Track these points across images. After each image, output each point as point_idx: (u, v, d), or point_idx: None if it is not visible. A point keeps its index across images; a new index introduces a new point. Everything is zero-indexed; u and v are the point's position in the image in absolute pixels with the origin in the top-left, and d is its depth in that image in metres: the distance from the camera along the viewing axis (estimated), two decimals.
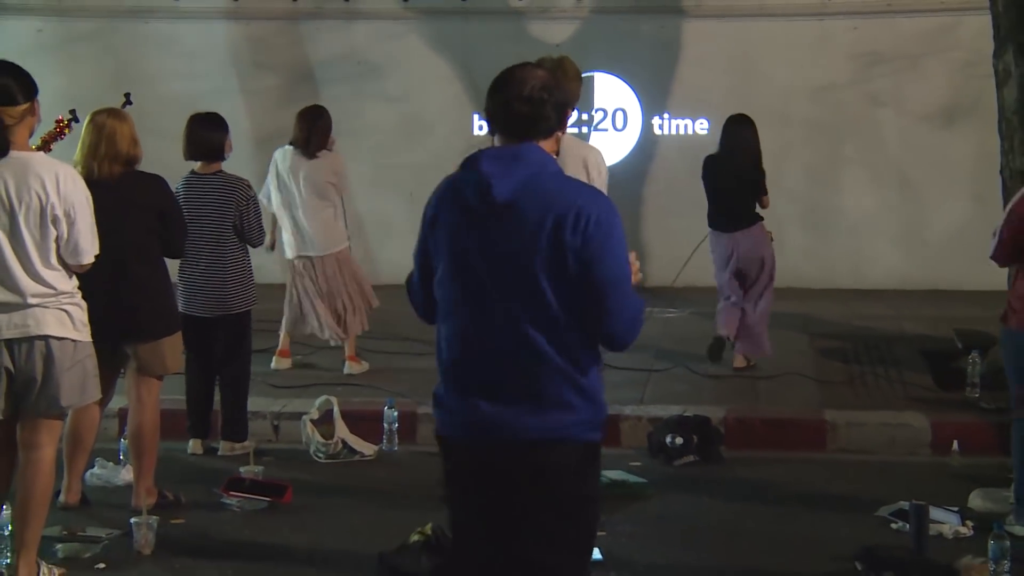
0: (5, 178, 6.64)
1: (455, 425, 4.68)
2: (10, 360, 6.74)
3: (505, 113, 4.63)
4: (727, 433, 9.84)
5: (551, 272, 4.47)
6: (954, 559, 7.11)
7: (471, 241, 4.54)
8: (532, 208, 4.47)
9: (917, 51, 15.69)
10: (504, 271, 4.50)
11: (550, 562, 4.64)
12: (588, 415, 4.61)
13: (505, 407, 4.54)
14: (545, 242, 4.45)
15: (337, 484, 8.93)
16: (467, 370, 4.62)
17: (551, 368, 4.53)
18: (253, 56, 16.64)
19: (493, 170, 4.51)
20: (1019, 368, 7.89)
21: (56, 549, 7.44)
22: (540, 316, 4.49)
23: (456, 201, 4.61)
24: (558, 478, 4.58)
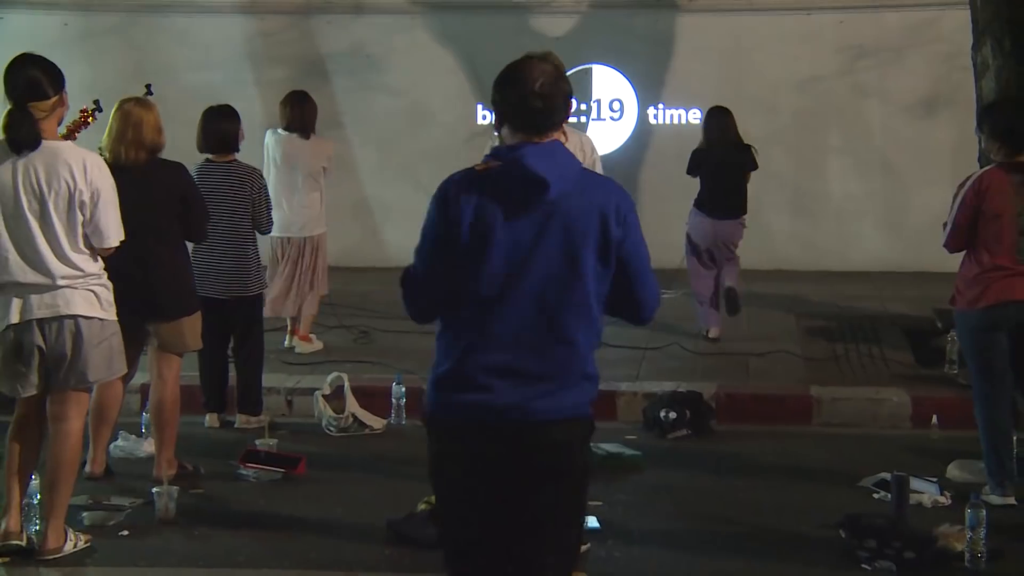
0: (36, 166, 6.68)
1: (467, 406, 4.61)
2: (41, 338, 6.78)
3: (522, 108, 4.60)
4: (718, 408, 9.85)
5: (595, 262, 4.53)
6: (933, 527, 7.13)
7: (519, 232, 4.50)
8: (578, 203, 4.51)
9: (900, 44, 15.68)
10: (551, 260, 4.50)
11: (557, 528, 4.68)
12: (593, 394, 4.67)
13: (528, 388, 4.54)
14: (594, 234, 4.51)
15: (348, 456, 8.97)
16: (489, 354, 4.58)
17: (574, 353, 4.56)
18: (266, 49, 16.63)
19: (541, 166, 4.48)
20: (967, 346, 7.95)
21: (82, 517, 7.48)
22: (575, 304, 4.53)
23: (502, 195, 4.53)
24: (570, 452, 4.63)
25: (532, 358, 4.54)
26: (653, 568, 6.90)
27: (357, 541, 7.24)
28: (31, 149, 6.66)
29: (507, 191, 4.53)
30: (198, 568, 6.88)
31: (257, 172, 9.55)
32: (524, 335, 4.54)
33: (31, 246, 6.71)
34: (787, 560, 6.99)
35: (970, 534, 6.86)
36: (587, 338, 4.59)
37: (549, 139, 4.61)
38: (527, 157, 4.52)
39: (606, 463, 8.54)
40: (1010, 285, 7.46)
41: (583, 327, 4.56)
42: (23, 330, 6.79)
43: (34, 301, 6.75)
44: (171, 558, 7.05)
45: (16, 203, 6.70)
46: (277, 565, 6.94)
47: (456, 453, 4.71)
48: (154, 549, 7.19)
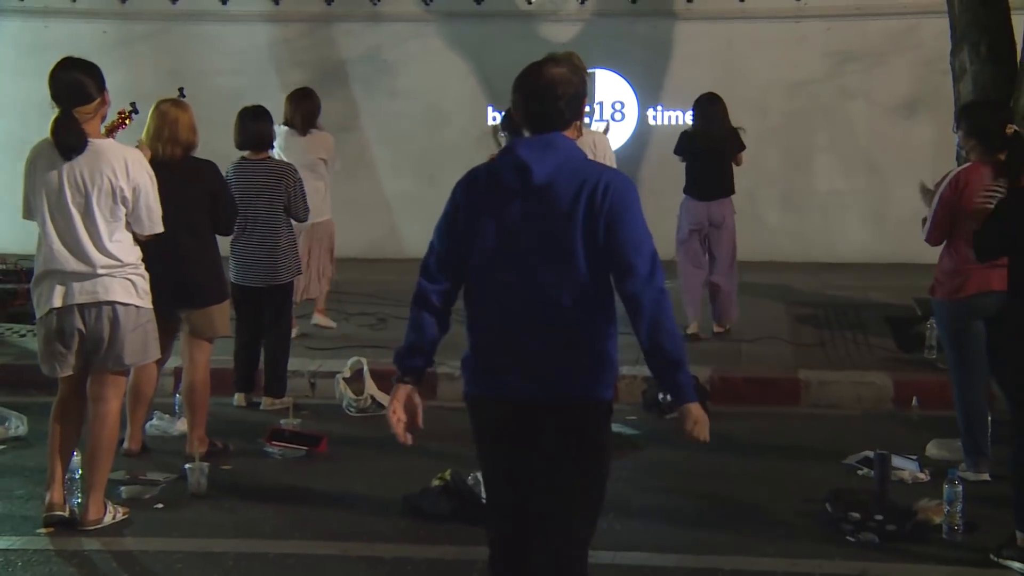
0: (80, 164, 6.72)
1: (483, 389, 4.70)
2: (81, 322, 6.81)
3: (524, 111, 4.67)
4: (712, 390, 9.84)
5: (585, 240, 4.51)
6: (913, 501, 7.14)
7: (512, 218, 4.55)
8: (566, 186, 4.52)
9: (883, 50, 15.67)
10: (543, 243, 4.52)
11: (573, 509, 4.70)
12: (608, 377, 4.66)
13: (539, 371, 4.57)
14: (580, 212, 4.50)
15: (366, 435, 8.95)
16: (497, 340, 4.63)
17: (580, 335, 4.57)
18: (289, 54, 16.63)
19: (529, 156, 4.55)
20: (946, 333, 7.95)
21: (120, 490, 7.52)
22: (574, 285, 4.52)
23: (495, 185, 4.62)
24: (584, 433, 4.63)
25: (541, 341, 4.55)
26: (652, 539, 6.90)
27: (375, 514, 7.25)
28: (78, 153, 6.69)
29: (500, 178, 4.61)
30: (227, 539, 6.89)
31: (291, 167, 9.57)
32: (528, 319, 4.56)
33: (74, 237, 6.75)
34: (776, 532, 6.99)
35: (948, 508, 6.88)
36: (592, 318, 4.58)
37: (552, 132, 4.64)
38: (518, 147, 4.62)
39: None
40: (987, 277, 7.46)
41: (586, 308, 4.56)
42: (65, 314, 6.83)
43: (75, 288, 6.78)
44: (202, 529, 7.06)
45: (61, 197, 6.74)
46: (300, 536, 6.95)
47: (482, 427, 4.80)
48: (186, 521, 7.21)
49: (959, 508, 6.86)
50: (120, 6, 16.67)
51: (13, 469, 8.18)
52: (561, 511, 4.67)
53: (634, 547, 6.77)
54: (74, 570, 6.49)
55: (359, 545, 6.77)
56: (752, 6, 15.91)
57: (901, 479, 7.78)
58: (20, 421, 8.81)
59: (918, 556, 6.64)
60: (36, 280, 6.93)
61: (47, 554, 6.69)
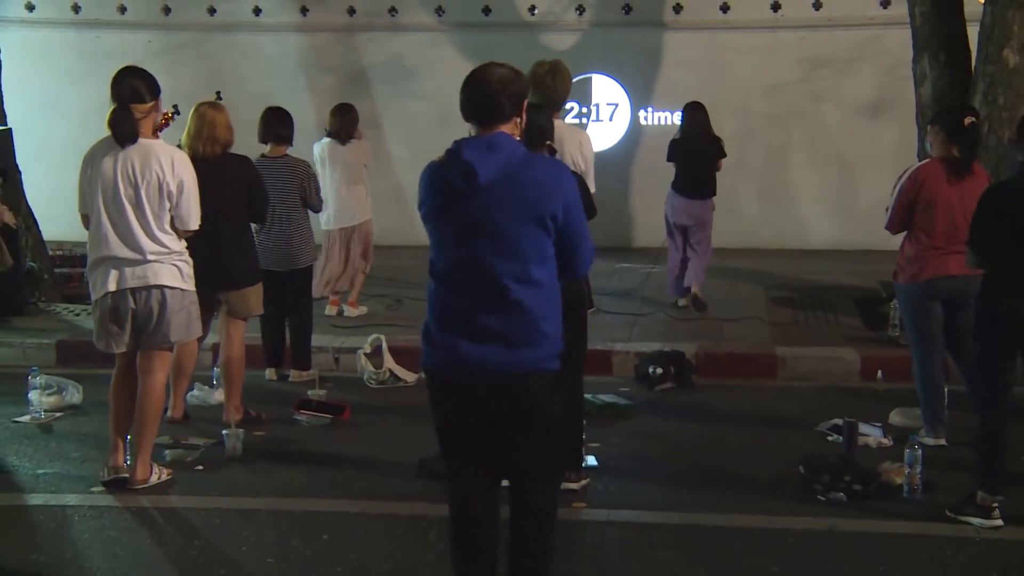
0: (132, 160, 6.77)
1: (440, 361, 4.70)
2: (133, 304, 6.88)
3: (469, 104, 4.70)
4: (698, 365, 9.84)
5: (532, 235, 4.55)
6: (877, 464, 7.16)
7: (460, 215, 4.58)
8: (513, 186, 4.53)
9: (851, 57, 15.64)
10: (491, 236, 4.54)
11: (529, 469, 4.76)
12: (550, 350, 4.66)
13: (482, 346, 4.58)
14: (531, 214, 4.53)
15: (385, 405, 8.99)
16: (452, 317, 4.64)
17: (523, 314, 4.57)
18: (316, 61, 16.62)
19: (473, 158, 4.56)
20: (907, 313, 7.95)
21: (165, 454, 7.55)
22: (518, 272, 4.55)
23: (443, 184, 4.64)
24: (531, 402, 4.65)
25: (489, 319, 4.57)
26: (642, 499, 6.90)
27: (393, 475, 7.27)
28: (131, 143, 6.76)
29: (450, 178, 4.61)
30: (260, 497, 6.91)
31: (305, 163, 9.56)
32: (478, 299, 4.58)
33: (126, 226, 6.79)
34: (755, 492, 7.00)
35: (908, 470, 6.90)
36: (537, 300, 4.60)
37: (495, 131, 4.65)
38: (463, 150, 4.62)
39: (603, 411, 8.57)
40: (944, 263, 7.46)
41: (530, 291, 4.57)
42: (118, 297, 6.87)
43: (127, 273, 6.83)
44: (238, 489, 7.08)
45: (115, 190, 6.79)
46: (326, 495, 6.97)
47: (439, 395, 4.82)
48: (223, 481, 7.24)
49: (918, 470, 6.89)
50: (164, 18, 16.68)
51: (69, 434, 8.22)
52: (526, 475, 4.75)
53: (626, 506, 6.78)
54: (124, 525, 6.51)
55: (378, 503, 6.78)
56: (733, 17, 15.90)
57: (867, 444, 7.79)
58: (76, 390, 8.84)
59: (881, 513, 6.64)
60: (91, 266, 6.97)
61: (100, 510, 6.72)
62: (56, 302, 12.05)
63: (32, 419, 8.50)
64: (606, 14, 16.13)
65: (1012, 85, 10.16)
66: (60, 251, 12.94)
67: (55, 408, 8.67)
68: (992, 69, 10.23)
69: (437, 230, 4.69)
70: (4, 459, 7.68)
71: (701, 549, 6.14)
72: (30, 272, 11.89)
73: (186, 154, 7.33)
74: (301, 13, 16.62)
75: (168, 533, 6.42)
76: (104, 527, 6.47)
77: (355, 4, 16.53)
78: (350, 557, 6.00)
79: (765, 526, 6.45)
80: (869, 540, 6.27)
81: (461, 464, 4.85)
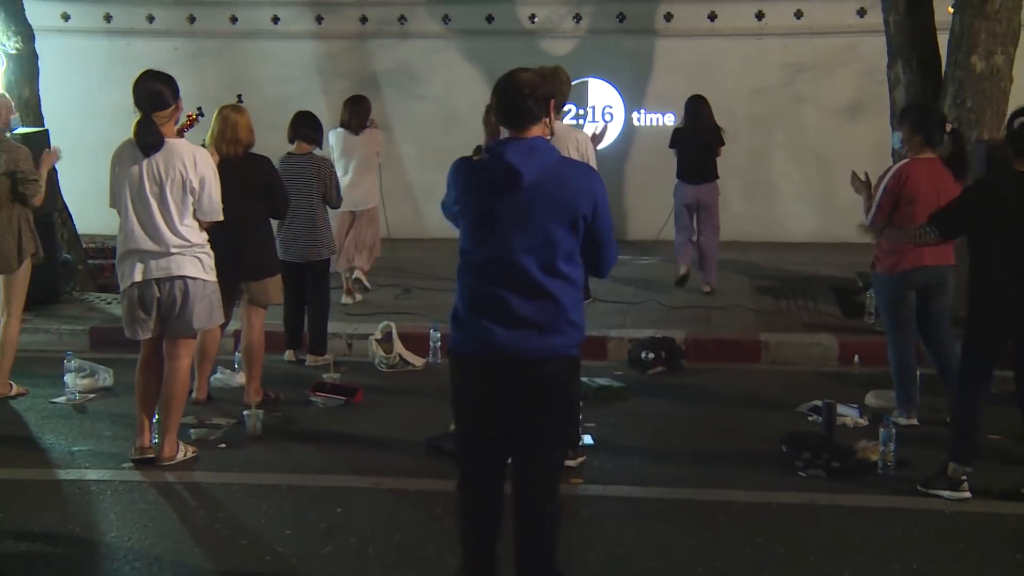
0: (157, 159, 6.77)
1: (472, 345, 4.68)
2: (158, 293, 6.89)
3: (502, 108, 4.68)
4: (687, 350, 9.83)
5: (565, 234, 4.56)
6: (854, 442, 7.19)
7: (502, 211, 4.55)
8: (552, 187, 4.53)
9: (830, 62, 15.59)
10: (529, 232, 4.53)
11: (544, 444, 4.75)
12: (575, 338, 4.68)
13: (516, 332, 4.58)
14: (566, 213, 4.53)
15: (395, 387, 8.99)
16: (486, 305, 4.63)
17: (552, 304, 4.58)
18: (331, 66, 16.58)
19: (517, 160, 4.53)
20: (883, 302, 7.95)
21: (190, 433, 7.57)
22: (550, 266, 4.55)
23: (485, 182, 4.61)
24: (556, 383, 4.66)
25: (522, 308, 4.57)
26: (635, 475, 6.92)
27: (402, 453, 7.29)
28: (156, 151, 6.74)
29: (492, 178, 4.59)
30: (278, 473, 6.92)
31: (327, 161, 9.56)
32: (512, 290, 4.58)
33: (151, 221, 6.79)
34: (740, 468, 7.02)
35: (883, 448, 6.92)
36: (566, 293, 4.62)
37: (531, 133, 4.64)
38: (507, 153, 4.58)
39: (598, 393, 8.57)
40: (920, 254, 7.45)
41: (560, 284, 4.59)
42: (144, 287, 6.88)
43: (152, 264, 6.83)
44: (258, 465, 7.10)
45: (141, 187, 6.79)
46: (340, 471, 6.98)
47: (465, 377, 4.78)
48: (244, 458, 7.26)
49: (892, 448, 6.91)
50: (189, 26, 16.64)
51: (102, 414, 8.23)
52: (540, 448, 4.74)
53: (620, 481, 6.80)
54: (152, 498, 6.53)
55: (389, 479, 6.80)
56: (720, 25, 15.86)
57: (844, 424, 7.80)
58: (107, 374, 8.85)
59: (858, 488, 6.66)
60: (119, 258, 6.97)
61: (130, 484, 6.74)
62: (89, 291, 12.05)
63: (67, 400, 8.51)
64: (602, 22, 16.09)
65: (979, 89, 10.16)
66: (93, 243, 12.94)
67: (88, 390, 8.68)
68: (961, 74, 10.23)
69: (475, 223, 4.66)
70: (42, 436, 7.71)
71: (690, 521, 6.15)
72: (65, 263, 11.89)
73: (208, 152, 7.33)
74: (316, 21, 16.59)
75: (193, 506, 6.44)
76: (134, 500, 6.49)
77: (367, 13, 16.49)
78: (363, 529, 6.02)
79: (749, 500, 6.47)
80: (846, 513, 6.29)
81: (474, 442, 4.84)
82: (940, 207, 6.69)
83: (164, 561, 5.63)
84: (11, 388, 8.63)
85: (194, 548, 5.81)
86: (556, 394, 4.68)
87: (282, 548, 5.78)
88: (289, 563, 5.61)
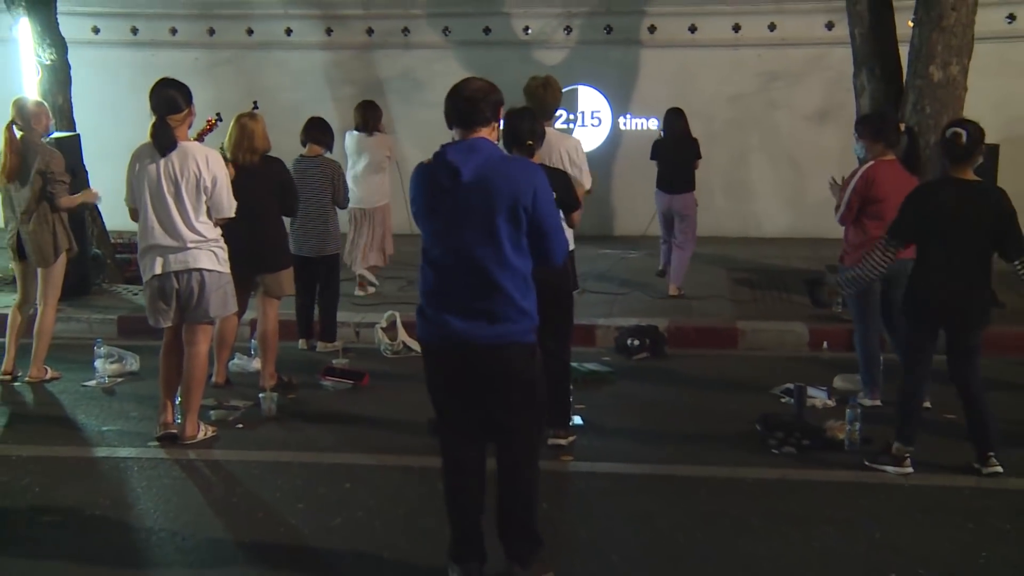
0: (173, 160, 6.77)
1: (433, 334, 4.71)
2: (177, 285, 6.89)
3: (455, 111, 4.70)
4: (669, 337, 9.86)
5: (508, 226, 4.54)
6: (823, 422, 7.20)
7: (447, 208, 4.57)
8: (492, 183, 4.52)
9: (801, 71, 15.61)
10: (474, 227, 4.53)
11: (513, 424, 4.78)
12: (526, 325, 4.68)
13: (469, 322, 4.59)
14: (506, 206, 4.51)
15: (399, 372, 8.98)
16: (442, 297, 4.65)
17: (501, 294, 4.58)
18: (339, 75, 16.58)
19: (457, 159, 4.56)
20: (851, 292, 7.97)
21: (210, 414, 7.58)
22: (498, 258, 4.55)
23: (432, 182, 4.63)
24: (512, 369, 4.68)
25: (473, 299, 4.59)
26: (621, 453, 6.92)
27: (406, 433, 7.29)
28: (170, 151, 6.74)
29: (436, 177, 4.61)
30: (292, 451, 6.92)
31: (336, 164, 9.52)
32: (465, 282, 4.59)
33: (169, 219, 6.80)
34: (718, 446, 7.04)
35: (849, 427, 6.95)
36: (514, 283, 4.60)
37: (477, 135, 4.65)
38: (447, 153, 4.62)
39: (587, 378, 8.59)
40: None
41: (508, 275, 4.58)
42: (164, 279, 6.88)
43: (171, 258, 6.84)
44: (272, 444, 7.11)
45: (158, 187, 6.78)
46: (348, 449, 6.99)
47: (432, 364, 4.83)
48: (260, 437, 7.27)
49: (858, 427, 6.94)
50: (208, 38, 16.64)
51: (129, 396, 8.24)
52: (510, 428, 4.78)
53: (608, 459, 6.80)
54: (175, 474, 6.53)
55: (393, 456, 6.80)
56: (701, 36, 15.86)
57: (814, 405, 7.83)
58: (134, 359, 8.86)
59: (826, 463, 6.68)
60: (141, 253, 6.99)
61: (155, 461, 6.75)
62: (117, 283, 12.06)
63: (97, 383, 8.52)
64: (590, 33, 16.09)
65: (937, 96, 10.19)
66: (120, 239, 12.93)
67: (117, 374, 8.68)
68: (920, 83, 10.25)
69: (428, 222, 4.68)
70: (75, 417, 7.72)
71: (672, 495, 6.16)
72: (95, 258, 11.89)
73: (225, 158, 7.33)
74: (326, 33, 16.58)
75: (213, 482, 6.44)
76: (159, 476, 6.50)
77: (373, 25, 16.49)
78: (370, 502, 6.02)
79: (727, 475, 6.48)
80: (815, 487, 6.30)
81: (451, 422, 4.88)
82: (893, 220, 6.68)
83: (186, 531, 5.64)
84: (46, 372, 8.64)
85: (214, 520, 5.82)
86: (513, 379, 4.69)
87: (295, 520, 5.79)
88: (301, 534, 5.62)
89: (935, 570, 5.18)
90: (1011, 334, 9.36)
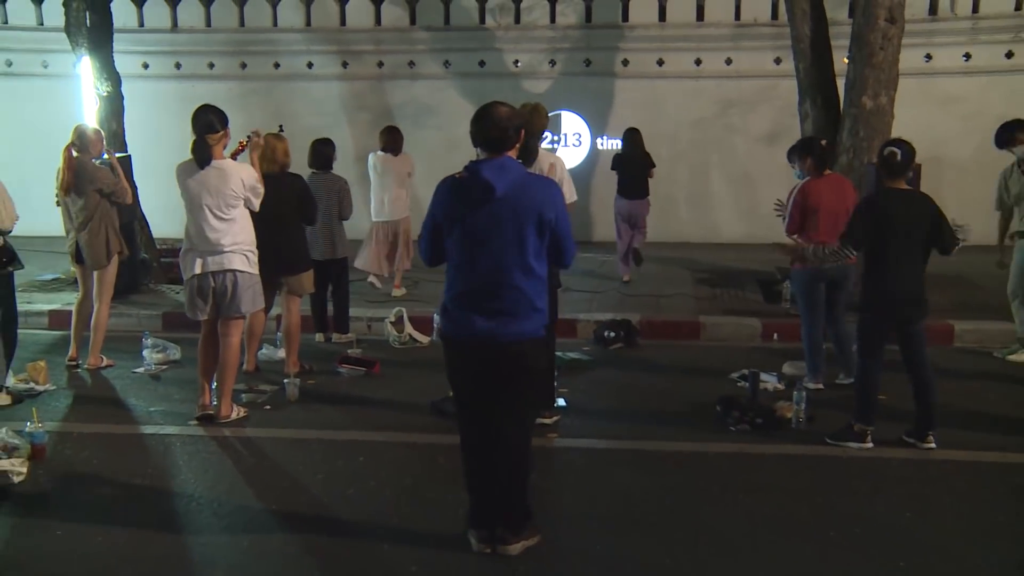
0: (211, 176, 6.77)
1: (458, 332, 4.67)
2: (213, 283, 6.88)
3: (485, 136, 4.63)
4: (641, 329, 9.82)
5: (533, 236, 4.52)
6: (774, 403, 7.19)
7: (479, 219, 4.53)
8: (520, 198, 4.50)
9: (754, 100, 15.62)
10: (503, 236, 4.50)
11: (521, 407, 4.78)
12: (541, 322, 4.67)
13: (492, 320, 4.57)
14: (532, 218, 4.50)
15: (405, 361, 8.95)
16: (468, 298, 4.61)
17: (522, 296, 4.56)
18: (355, 102, 16.54)
19: (491, 176, 4.51)
20: (800, 291, 7.94)
21: (242, 397, 7.54)
22: (522, 264, 4.53)
23: (466, 195, 4.57)
24: (526, 359, 4.66)
25: (495, 299, 4.56)
26: (600, 431, 6.90)
27: (411, 413, 7.26)
28: (207, 164, 6.73)
29: (470, 191, 4.56)
30: (312, 430, 6.89)
31: (343, 180, 9.39)
32: (489, 284, 4.56)
33: (208, 225, 6.77)
34: (683, 424, 7.02)
35: (796, 407, 6.94)
36: (533, 285, 4.59)
37: (502, 156, 4.61)
38: (482, 170, 4.56)
39: (570, 365, 8.57)
40: None
41: (528, 278, 4.56)
42: (202, 278, 6.87)
43: (209, 260, 6.83)
44: (295, 424, 7.07)
45: (199, 199, 6.76)
46: (362, 428, 6.95)
47: (455, 358, 4.78)
48: (285, 418, 7.23)
49: (803, 407, 6.94)
50: (241, 71, 16.59)
51: (172, 381, 8.20)
52: (515, 410, 4.76)
53: (588, 436, 6.78)
54: (212, 449, 6.50)
55: (401, 434, 6.77)
56: (667, 69, 15.86)
57: (766, 388, 7.81)
58: (176, 350, 8.82)
59: (776, 439, 6.67)
60: (183, 254, 6.98)
61: (195, 438, 6.72)
62: (162, 283, 12.03)
63: (145, 370, 8.49)
64: (572, 66, 16.08)
65: (869, 123, 10.32)
66: (165, 245, 12.88)
67: (161, 362, 8.65)
68: (855, 111, 10.34)
69: (458, 231, 4.60)
70: (126, 399, 7.69)
71: (645, 467, 6.15)
72: (143, 262, 11.88)
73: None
74: (343, 66, 16.54)
75: (244, 456, 6.41)
76: (198, 451, 6.47)
77: (383, 59, 16.45)
78: (380, 474, 6.00)
79: (692, 449, 6.46)
80: (768, 459, 6.29)
81: (468, 404, 4.85)
82: (845, 228, 6.63)
83: (221, 499, 5.61)
84: (102, 361, 8.62)
85: (245, 488, 5.78)
86: (527, 369, 4.69)
87: (315, 490, 5.76)
88: (321, 501, 5.59)
89: (868, 528, 5.19)
90: (931, 327, 9.36)
